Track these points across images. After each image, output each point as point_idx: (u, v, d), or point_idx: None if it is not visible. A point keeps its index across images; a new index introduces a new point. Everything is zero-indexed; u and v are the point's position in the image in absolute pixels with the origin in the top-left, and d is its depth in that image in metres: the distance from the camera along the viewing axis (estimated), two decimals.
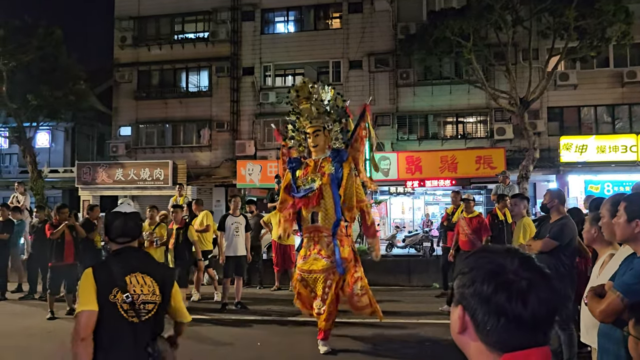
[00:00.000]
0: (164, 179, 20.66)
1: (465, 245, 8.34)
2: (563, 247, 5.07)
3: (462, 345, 1.12)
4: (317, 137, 6.41)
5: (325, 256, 6.09)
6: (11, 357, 5.51)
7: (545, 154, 18.13)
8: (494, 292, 1.03)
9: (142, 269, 2.79)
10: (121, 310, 2.64)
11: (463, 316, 1.08)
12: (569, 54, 16.87)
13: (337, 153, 6.31)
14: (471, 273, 1.08)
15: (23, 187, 13.97)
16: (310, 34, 22.03)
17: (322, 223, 6.20)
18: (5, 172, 29.42)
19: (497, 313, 1.03)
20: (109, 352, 2.60)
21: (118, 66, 23.45)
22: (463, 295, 1.08)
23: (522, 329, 1.03)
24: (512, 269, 1.06)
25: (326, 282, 6.03)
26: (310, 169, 6.40)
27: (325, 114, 6.43)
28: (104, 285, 2.65)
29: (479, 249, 1.17)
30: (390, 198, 21.18)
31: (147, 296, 2.74)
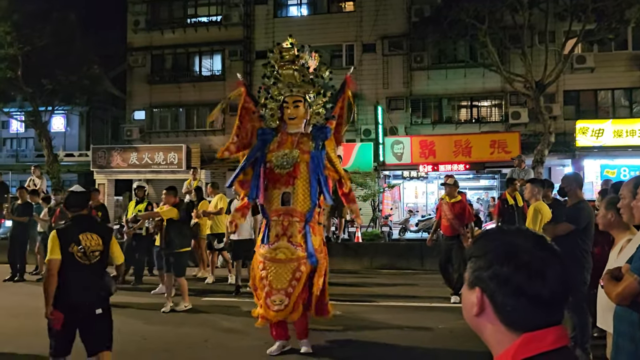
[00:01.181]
0: (178, 163, 20.81)
1: (447, 231, 8.14)
2: (580, 231, 5.04)
3: (478, 327, 1.13)
4: (296, 109, 5.59)
5: (297, 244, 5.30)
6: (29, 338, 5.65)
7: (560, 138, 17.92)
8: (513, 273, 1.05)
9: (90, 229, 4.21)
10: (77, 257, 4.08)
11: (481, 298, 1.09)
12: (586, 37, 16.58)
13: (320, 130, 5.57)
14: (487, 256, 1.09)
15: (39, 170, 14.15)
16: (324, 17, 21.87)
17: (295, 206, 5.40)
18: (21, 156, 29.82)
19: (517, 293, 1.04)
20: (72, 283, 4.04)
21: (132, 50, 23.50)
22: (480, 277, 1.09)
23: (541, 307, 1.05)
24: (527, 248, 1.07)
25: (295, 273, 5.24)
26: (286, 144, 5.56)
27: (309, 83, 5.66)
28: (64, 242, 4.06)
29: (490, 231, 1.18)
30: (404, 182, 21.13)
31: (94, 247, 4.16)
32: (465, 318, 1.16)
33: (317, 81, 5.68)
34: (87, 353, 4.19)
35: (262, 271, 5.37)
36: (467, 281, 1.14)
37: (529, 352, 1.04)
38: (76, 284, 4.04)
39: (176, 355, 5.58)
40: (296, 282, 5.24)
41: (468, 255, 1.15)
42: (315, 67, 5.68)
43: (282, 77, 5.64)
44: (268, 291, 5.26)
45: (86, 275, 4.09)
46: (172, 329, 6.62)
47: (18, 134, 30.93)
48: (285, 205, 5.42)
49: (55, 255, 4.03)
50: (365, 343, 5.91)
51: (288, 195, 5.43)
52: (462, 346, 5.70)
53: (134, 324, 6.90)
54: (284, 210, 5.41)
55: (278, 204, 5.46)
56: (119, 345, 5.94)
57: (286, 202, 5.43)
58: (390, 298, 8.45)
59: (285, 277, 5.23)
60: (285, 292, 5.20)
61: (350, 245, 12.35)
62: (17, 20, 19.16)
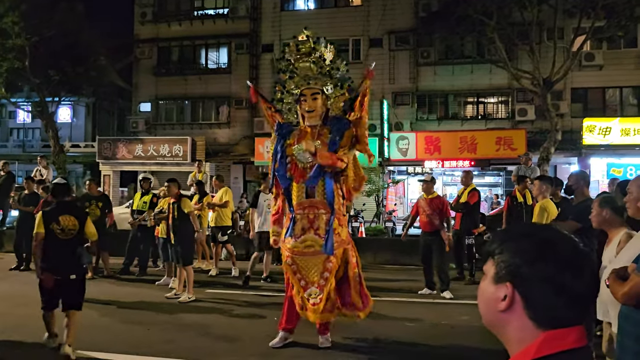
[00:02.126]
0: (183, 155, 20.85)
1: (426, 227, 8.33)
2: (586, 229, 5.03)
3: (499, 323, 1.10)
4: (315, 101, 5.48)
5: (324, 236, 5.24)
6: (35, 326, 5.71)
7: (567, 136, 17.84)
8: (558, 272, 1.03)
9: (68, 212, 5.44)
10: (56, 233, 5.30)
11: (513, 294, 1.06)
12: (595, 34, 16.46)
13: (338, 121, 5.49)
14: (526, 253, 1.06)
15: (46, 161, 14.23)
16: (331, 11, 21.81)
17: (319, 198, 5.37)
18: (28, 146, 29.96)
19: (559, 292, 1.03)
20: (52, 253, 5.26)
21: (138, 42, 23.51)
22: (515, 274, 1.06)
23: (577, 305, 1.05)
24: (568, 247, 1.06)
25: (325, 265, 5.20)
26: (307, 137, 5.46)
27: (327, 75, 5.56)
28: (47, 221, 5.31)
29: (520, 228, 1.16)
30: (408, 178, 21.11)
31: (70, 226, 5.37)
32: (483, 312, 1.13)
33: (334, 73, 5.60)
34: (61, 308, 5.31)
35: (292, 266, 5.35)
36: (493, 275, 1.10)
37: (552, 348, 1.03)
38: (55, 254, 5.25)
39: (179, 347, 5.61)
40: (327, 273, 5.22)
41: (495, 250, 1.11)
42: (332, 59, 5.59)
43: (298, 70, 5.57)
44: (304, 285, 5.27)
45: (63, 248, 5.28)
46: (176, 320, 6.65)
47: (25, 124, 31.08)
48: (310, 198, 5.40)
49: (40, 230, 5.28)
50: (367, 337, 5.92)
51: (312, 188, 5.40)
52: (464, 342, 5.72)
53: (138, 314, 6.94)
54: (308, 202, 5.40)
55: (302, 197, 5.43)
56: (123, 335, 5.99)
57: (310, 195, 5.41)
58: (393, 293, 8.47)
59: (317, 270, 5.22)
60: (318, 285, 5.21)
61: (354, 240, 12.34)
62: (24, 10, 19.18)
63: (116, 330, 6.24)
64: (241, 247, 11.97)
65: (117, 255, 10.31)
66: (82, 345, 5.36)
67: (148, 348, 5.53)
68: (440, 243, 8.12)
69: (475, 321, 1.17)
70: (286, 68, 5.66)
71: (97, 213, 9.88)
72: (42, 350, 5.40)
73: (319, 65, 5.51)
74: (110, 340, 5.75)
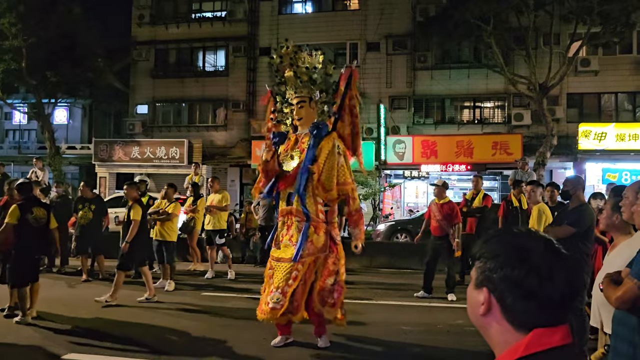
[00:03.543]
0: (180, 158, 20.83)
1: (435, 231, 8.40)
2: (581, 234, 5.05)
3: (483, 326, 1.14)
4: (301, 109, 5.57)
5: (295, 243, 5.32)
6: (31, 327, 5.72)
7: (563, 141, 17.91)
8: (525, 277, 1.06)
9: (39, 205, 6.74)
10: (30, 222, 6.44)
11: (489, 299, 1.10)
12: (591, 40, 16.56)
13: (316, 127, 5.46)
14: (498, 258, 1.09)
15: (42, 162, 14.16)
16: (328, 15, 21.86)
17: (296, 205, 5.43)
18: (24, 148, 29.86)
19: (528, 296, 1.06)
20: (27, 238, 6.40)
21: (136, 44, 23.51)
22: (489, 279, 1.10)
23: (551, 309, 1.07)
24: (538, 252, 1.08)
25: (291, 272, 5.24)
26: (290, 144, 5.64)
27: (311, 82, 5.59)
28: (22, 212, 6.42)
29: (500, 233, 1.18)
30: (405, 182, 21.13)
31: (41, 216, 6.59)
32: (469, 315, 1.17)
33: (317, 79, 5.60)
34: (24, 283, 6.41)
35: (270, 270, 5.49)
36: (474, 280, 1.14)
37: (541, 346, 1.05)
38: (28, 238, 6.41)
39: (175, 349, 5.60)
40: (293, 281, 5.25)
41: (476, 255, 1.15)
42: (316, 65, 5.61)
43: (287, 81, 5.66)
44: (270, 290, 5.36)
45: (35, 233, 6.49)
46: (171, 323, 6.64)
47: (21, 125, 30.98)
48: (289, 205, 5.51)
49: (13, 221, 6.35)
50: (364, 341, 5.93)
51: (291, 194, 5.50)
52: (460, 345, 5.73)
53: (133, 316, 6.93)
54: (287, 210, 5.52)
55: (284, 205, 5.57)
56: (118, 338, 5.98)
57: (290, 203, 5.51)
58: (389, 297, 8.47)
59: (282, 276, 5.28)
60: (282, 291, 5.24)
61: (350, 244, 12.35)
62: (22, 11, 19.17)
63: (111, 332, 6.22)
64: (237, 250, 11.97)
65: (112, 258, 10.28)
66: (78, 348, 5.35)
67: (143, 350, 5.52)
68: (449, 247, 8.25)
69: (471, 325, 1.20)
70: (280, 79, 5.76)
71: (89, 216, 9.87)
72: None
73: (300, 74, 5.54)
74: (105, 343, 5.73)
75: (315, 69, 5.59)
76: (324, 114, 5.66)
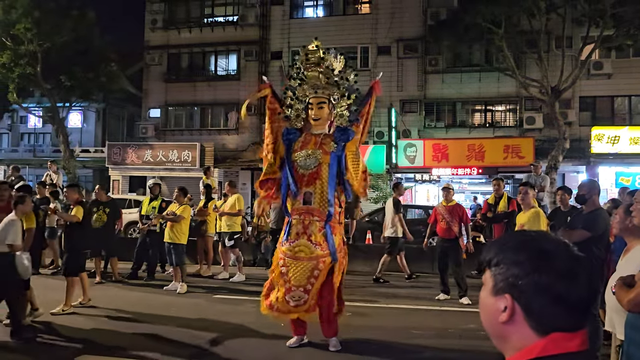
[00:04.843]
0: (192, 161, 20.97)
1: (444, 233, 8.40)
2: (596, 238, 5.02)
3: (502, 333, 1.11)
4: (321, 110, 5.62)
5: (317, 243, 5.41)
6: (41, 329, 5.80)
7: (575, 145, 17.80)
8: (553, 282, 1.04)
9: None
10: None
11: (513, 306, 1.07)
12: (604, 42, 16.45)
13: (344, 131, 5.55)
14: (522, 265, 1.07)
15: (56, 165, 14.35)
16: (339, 19, 21.92)
17: (316, 206, 5.50)
18: (39, 151, 30.20)
19: (557, 301, 1.05)
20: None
21: (148, 49, 23.73)
22: (512, 285, 1.07)
23: (576, 314, 1.06)
24: (561, 256, 1.07)
25: (313, 272, 5.38)
26: (310, 144, 5.63)
27: (334, 85, 5.65)
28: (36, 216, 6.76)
29: (516, 237, 1.15)
30: (416, 185, 21.10)
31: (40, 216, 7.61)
32: (484, 323, 1.14)
33: (342, 83, 5.67)
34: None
35: (282, 267, 5.52)
36: (491, 287, 1.11)
37: (558, 349, 1.05)
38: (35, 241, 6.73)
39: (188, 351, 5.64)
40: (314, 279, 5.39)
41: (493, 261, 1.12)
42: (341, 69, 5.69)
43: (307, 79, 5.67)
44: (288, 287, 5.42)
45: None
46: (183, 326, 6.69)
47: (36, 129, 31.34)
48: (307, 205, 5.53)
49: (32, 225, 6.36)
50: (375, 344, 5.94)
51: (309, 194, 5.53)
52: (472, 349, 5.71)
53: (145, 318, 6.99)
54: (305, 209, 5.52)
55: (300, 203, 5.57)
56: (131, 340, 6.04)
57: (307, 202, 5.54)
58: (401, 300, 8.46)
59: (304, 275, 5.38)
60: (304, 289, 5.38)
61: (360, 247, 12.37)
62: (37, 16, 19.44)
63: (123, 334, 6.29)
64: (249, 253, 12.02)
65: (125, 260, 10.38)
66: (90, 350, 5.41)
67: (155, 352, 5.57)
68: (457, 250, 8.26)
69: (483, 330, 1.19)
70: (296, 75, 5.75)
71: (103, 219, 9.97)
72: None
73: (326, 75, 5.60)
74: (117, 345, 5.80)
75: (341, 72, 5.66)
76: (342, 118, 5.68)
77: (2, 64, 19.64)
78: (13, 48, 19.56)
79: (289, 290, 5.41)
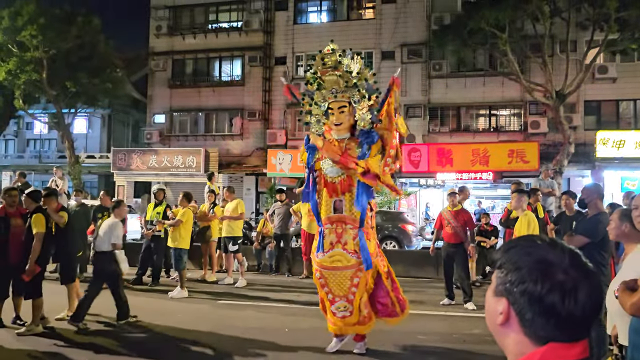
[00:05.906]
0: (196, 167, 21.03)
1: (450, 238, 8.43)
2: (596, 244, 4.99)
3: (499, 335, 1.11)
4: (342, 114, 5.44)
5: (352, 251, 5.30)
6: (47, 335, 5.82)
7: (580, 149, 17.74)
8: (547, 293, 1.02)
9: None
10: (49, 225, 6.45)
11: (508, 310, 1.07)
12: (608, 46, 16.42)
13: (367, 134, 5.38)
14: (520, 270, 1.06)
15: (61, 171, 14.39)
16: (343, 24, 21.98)
17: (347, 213, 5.39)
18: (44, 157, 30.38)
19: (549, 313, 1.03)
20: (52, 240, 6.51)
21: (153, 55, 23.86)
22: (509, 291, 1.07)
23: (572, 325, 1.04)
24: (562, 267, 1.04)
25: (352, 280, 5.30)
26: (330, 145, 5.47)
27: (354, 87, 5.46)
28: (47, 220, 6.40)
29: (523, 243, 1.13)
30: (420, 190, 21.07)
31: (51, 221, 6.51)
32: (487, 320, 1.15)
33: (361, 85, 5.48)
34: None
35: (320, 279, 5.49)
36: (493, 288, 1.11)
37: (556, 358, 1.04)
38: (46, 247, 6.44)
39: (193, 357, 5.65)
40: (355, 288, 5.34)
41: (497, 263, 1.12)
42: (359, 70, 5.49)
43: (325, 84, 5.51)
44: (331, 299, 5.42)
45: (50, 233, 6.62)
46: (186, 332, 6.69)
47: (41, 135, 31.57)
48: (338, 213, 5.44)
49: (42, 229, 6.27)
50: (379, 349, 5.92)
51: (340, 202, 5.45)
52: (476, 354, 5.69)
53: (151, 325, 6.99)
54: (336, 217, 5.44)
55: (330, 212, 5.47)
56: (137, 347, 6.04)
57: (338, 210, 5.45)
58: None
59: (345, 284, 5.34)
60: (347, 299, 5.35)
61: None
62: (43, 23, 19.60)
63: (128, 339, 6.30)
64: (253, 259, 12.02)
65: (130, 266, 10.38)
66: (97, 357, 5.41)
67: (160, 358, 5.58)
68: (463, 254, 8.30)
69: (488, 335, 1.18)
70: (313, 80, 5.59)
71: None
72: None
73: (345, 78, 5.45)
74: (122, 350, 5.81)
75: (359, 74, 5.49)
76: (365, 120, 5.48)
77: (8, 71, 19.79)
78: (19, 55, 19.71)
79: (333, 302, 5.42)
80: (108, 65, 21.58)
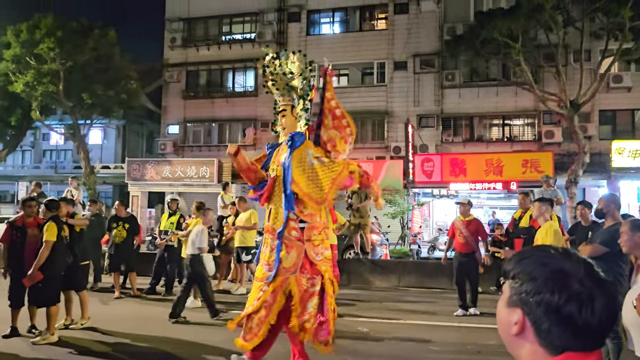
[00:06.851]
0: (210, 177, 21.14)
1: (462, 248, 8.41)
2: (615, 254, 4.92)
3: (513, 346, 1.11)
4: (283, 118, 5.21)
5: (266, 263, 4.84)
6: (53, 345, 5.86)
7: (595, 159, 17.56)
8: (564, 303, 1.03)
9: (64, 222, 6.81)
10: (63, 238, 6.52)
11: (523, 321, 1.07)
12: (623, 55, 16.31)
13: (290, 139, 4.99)
14: (536, 281, 1.06)
15: (77, 181, 14.55)
16: (356, 35, 22.08)
17: (271, 222, 4.90)
18: (60, 167, 30.75)
19: (565, 323, 1.03)
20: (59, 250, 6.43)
21: (168, 66, 24.14)
22: (524, 301, 1.07)
23: (588, 335, 1.04)
24: (578, 277, 1.04)
25: (258, 293, 4.86)
26: (274, 156, 5.18)
27: (292, 89, 5.20)
28: (59, 229, 6.41)
29: (537, 253, 1.13)
30: (433, 200, 20.97)
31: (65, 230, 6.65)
32: (500, 331, 1.15)
33: (294, 85, 5.19)
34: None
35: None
36: (507, 299, 1.11)
37: None
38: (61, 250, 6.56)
39: None
40: (256, 301, 4.86)
41: (510, 273, 1.12)
42: (301, 70, 5.16)
43: (278, 91, 5.32)
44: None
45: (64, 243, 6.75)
46: (202, 340, 6.70)
47: (57, 146, 31.99)
48: (270, 222, 4.99)
49: (53, 238, 6.29)
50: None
51: (271, 210, 5.01)
52: None
53: (166, 333, 7.01)
54: (266, 227, 5.03)
55: (266, 221, 5.05)
56: (145, 356, 6.06)
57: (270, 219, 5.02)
58: (418, 316, 8.38)
59: (253, 296, 4.98)
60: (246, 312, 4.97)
61: (378, 263, 12.31)
62: (60, 36, 19.94)
63: (141, 349, 6.32)
64: None
65: (143, 275, 10.46)
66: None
67: None
68: (475, 264, 8.32)
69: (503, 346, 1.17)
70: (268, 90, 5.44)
71: (123, 234, 10.08)
72: None
73: (285, 81, 5.24)
74: (134, 359, 5.82)
75: (293, 74, 5.16)
76: (302, 121, 5.18)
77: (25, 83, 20.13)
78: (36, 67, 20.05)
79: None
80: (123, 77, 21.87)
